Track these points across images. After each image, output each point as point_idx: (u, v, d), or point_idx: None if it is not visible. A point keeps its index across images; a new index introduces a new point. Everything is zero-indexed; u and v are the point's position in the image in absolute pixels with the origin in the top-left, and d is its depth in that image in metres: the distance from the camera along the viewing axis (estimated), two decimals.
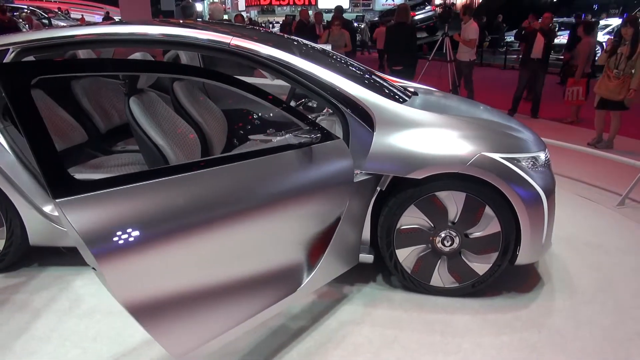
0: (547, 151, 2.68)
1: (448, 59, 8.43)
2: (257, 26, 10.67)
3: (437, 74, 8.69)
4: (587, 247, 3.25)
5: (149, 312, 1.69)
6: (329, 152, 2.22)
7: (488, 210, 2.44)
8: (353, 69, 3.14)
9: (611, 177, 4.59)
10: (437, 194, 2.46)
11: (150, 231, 1.64)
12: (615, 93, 5.54)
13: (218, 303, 1.88)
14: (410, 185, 2.45)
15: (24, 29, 12.40)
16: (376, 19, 21.89)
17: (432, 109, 2.73)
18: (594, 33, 8.01)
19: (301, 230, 2.16)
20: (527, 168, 2.44)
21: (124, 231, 1.58)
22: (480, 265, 2.55)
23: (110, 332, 2.35)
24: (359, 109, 2.47)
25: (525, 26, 9.16)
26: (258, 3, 36.33)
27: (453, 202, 2.46)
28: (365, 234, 2.54)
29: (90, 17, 25.09)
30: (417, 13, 17.16)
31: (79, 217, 1.53)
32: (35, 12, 20.03)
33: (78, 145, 3.36)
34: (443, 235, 2.52)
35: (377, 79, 3.11)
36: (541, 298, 2.65)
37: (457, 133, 2.48)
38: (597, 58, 7.40)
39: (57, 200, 1.52)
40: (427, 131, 2.48)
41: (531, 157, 2.50)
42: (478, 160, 2.37)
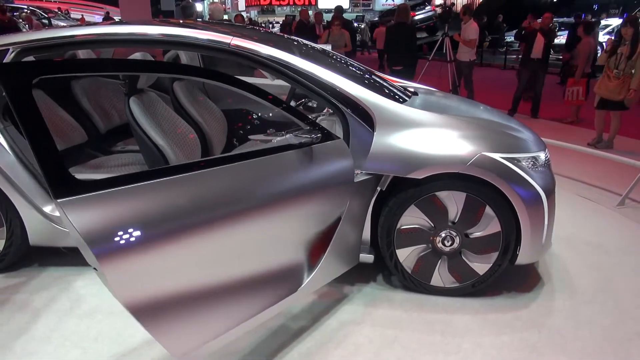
0: (547, 151, 2.68)
1: (448, 59, 8.43)
2: (257, 26, 10.67)
3: (437, 74, 8.69)
4: (587, 247, 3.26)
5: (150, 312, 1.69)
6: (330, 152, 2.22)
7: (488, 210, 2.44)
8: (353, 69, 3.14)
9: (611, 177, 4.59)
10: (437, 194, 2.46)
11: (151, 231, 1.64)
12: (615, 93, 5.54)
13: (219, 303, 1.89)
14: (411, 185, 2.45)
15: (24, 29, 12.40)
16: (376, 19, 21.89)
17: (432, 109, 2.73)
18: (594, 33, 8.01)
19: (302, 230, 2.17)
20: (527, 168, 2.45)
21: (125, 231, 1.59)
22: (481, 265, 2.56)
23: (111, 332, 2.35)
24: (359, 109, 2.48)
25: (525, 26, 9.15)
26: (258, 3, 36.30)
27: (453, 202, 2.47)
28: (366, 234, 2.54)
29: (90, 17, 25.08)
30: (417, 13, 17.18)
31: (81, 217, 1.53)
32: (35, 12, 20.02)
33: (78, 145, 3.35)
34: (443, 235, 2.52)
35: (377, 79, 3.11)
36: (541, 298, 2.65)
37: (457, 133, 2.48)
38: (598, 58, 7.40)
39: (59, 201, 1.52)
40: (428, 131, 2.48)
41: (531, 157, 2.50)
42: (478, 160, 2.37)
